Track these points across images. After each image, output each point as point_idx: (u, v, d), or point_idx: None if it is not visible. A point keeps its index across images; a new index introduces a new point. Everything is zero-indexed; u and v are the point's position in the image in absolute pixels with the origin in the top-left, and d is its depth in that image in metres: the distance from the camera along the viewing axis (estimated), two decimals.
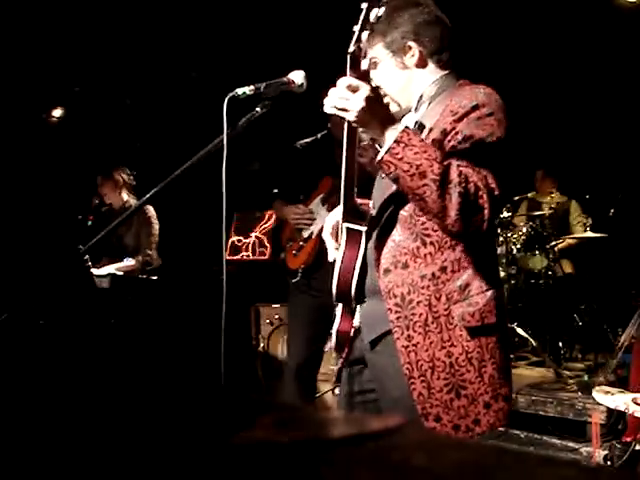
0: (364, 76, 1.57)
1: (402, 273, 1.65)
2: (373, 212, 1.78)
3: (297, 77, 1.83)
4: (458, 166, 1.51)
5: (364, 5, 1.55)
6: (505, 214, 5.13)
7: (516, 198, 5.49)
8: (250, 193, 5.59)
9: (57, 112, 6.02)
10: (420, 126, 1.70)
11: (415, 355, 1.62)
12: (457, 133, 1.60)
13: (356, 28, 1.55)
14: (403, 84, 1.79)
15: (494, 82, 1.72)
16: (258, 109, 1.80)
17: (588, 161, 5.90)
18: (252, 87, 1.76)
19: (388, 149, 1.51)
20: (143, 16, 5.04)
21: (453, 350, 1.60)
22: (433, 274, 1.63)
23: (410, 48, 1.77)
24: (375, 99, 1.54)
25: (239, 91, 1.74)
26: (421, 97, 1.77)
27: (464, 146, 1.58)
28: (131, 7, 4.90)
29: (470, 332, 1.60)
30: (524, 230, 5.20)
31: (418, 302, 1.62)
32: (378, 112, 1.54)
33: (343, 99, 1.52)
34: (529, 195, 5.52)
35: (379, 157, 1.54)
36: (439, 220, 1.54)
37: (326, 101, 1.56)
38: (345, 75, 1.55)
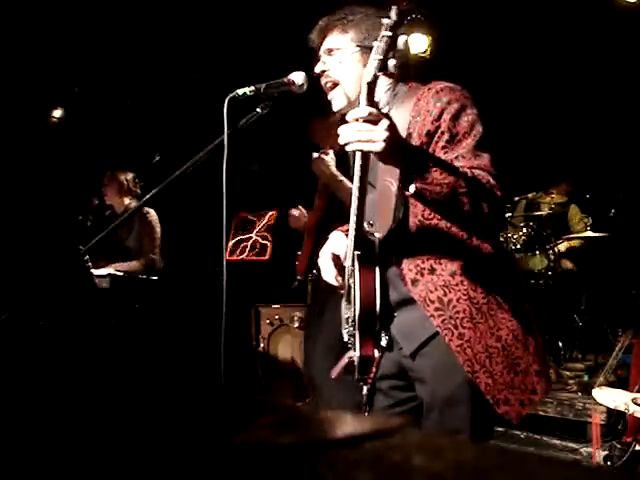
0: (376, 105, 1.52)
1: (432, 278, 1.68)
2: (376, 230, 1.74)
3: (298, 78, 1.83)
4: (471, 168, 1.56)
5: (385, 34, 1.47)
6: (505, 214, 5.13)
7: (516, 198, 5.49)
8: (250, 193, 5.60)
9: (57, 112, 6.01)
10: None
11: (471, 350, 1.65)
12: (442, 134, 1.63)
13: (377, 57, 1.48)
14: (359, 79, 1.75)
15: (493, 83, 1.72)
16: (258, 109, 1.80)
17: (589, 161, 5.90)
18: (252, 88, 1.76)
19: (420, 177, 1.50)
20: (144, 17, 5.03)
21: (501, 333, 1.67)
22: (462, 268, 1.67)
23: None
24: (395, 127, 1.48)
25: (239, 92, 1.75)
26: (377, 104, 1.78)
27: (458, 144, 1.62)
28: (131, 7, 4.90)
29: (512, 311, 1.67)
30: (524, 230, 5.19)
31: (458, 299, 1.66)
32: (400, 140, 1.51)
33: (367, 131, 1.44)
34: (529, 195, 5.51)
35: (413, 188, 1.52)
36: (472, 219, 1.60)
37: (345, 134, 1.47)
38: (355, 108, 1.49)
